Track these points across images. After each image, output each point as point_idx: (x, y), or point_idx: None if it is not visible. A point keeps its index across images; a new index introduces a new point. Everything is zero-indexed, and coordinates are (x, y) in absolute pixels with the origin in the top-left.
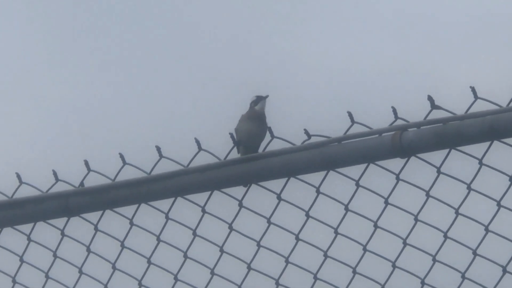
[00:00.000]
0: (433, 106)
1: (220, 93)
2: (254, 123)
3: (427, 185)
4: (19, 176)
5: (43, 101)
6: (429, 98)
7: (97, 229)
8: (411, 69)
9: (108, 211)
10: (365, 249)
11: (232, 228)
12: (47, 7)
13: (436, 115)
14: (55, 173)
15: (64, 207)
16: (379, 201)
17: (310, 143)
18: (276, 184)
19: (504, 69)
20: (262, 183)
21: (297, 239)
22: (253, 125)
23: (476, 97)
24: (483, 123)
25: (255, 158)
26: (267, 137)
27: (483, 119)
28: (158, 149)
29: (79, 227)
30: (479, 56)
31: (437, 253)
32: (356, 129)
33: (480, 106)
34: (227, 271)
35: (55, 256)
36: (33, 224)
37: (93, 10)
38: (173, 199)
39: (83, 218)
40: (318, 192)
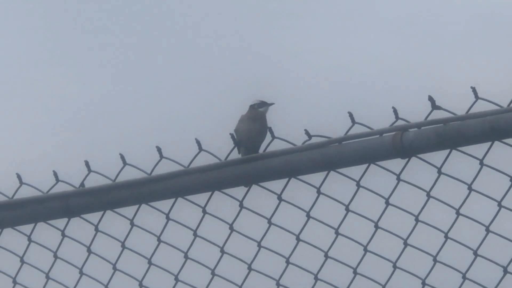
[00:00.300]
0: (434, 106)
1: (220, 93)
2: (254, 124)
3: (428, 186)
4: (19, 176)
5: (44, 101)
6: (430, 98)
7: (97, 230)
8: (412, 69)
9: (108, 212)
10: (366, 250)
11: (232, 228)
12: (49, 5)
13: (437, 115)
14: (55, 174)
15: (64, 208)
16: (380, 202)
17: (310, 144)
18: (277, 184)
19: (504, 69)
20: (262, 184)
21: (298, 240)
22: (253, 126)
23: (477, 97)
24: (483, 124)
25: (255, 158)
26: (268, 137)
27: (483, 119)
28: (158, 149)
29: (79, 227)
30: (480, 56)
31: (438, 254)
32: (356, 129)
33: (481, 106)
34: (228, 271)
35: (56, 256)
36: (33, 224)
37: (97, 9)
38: (173, 200)
39: (83, 218)
40: (319, 192)
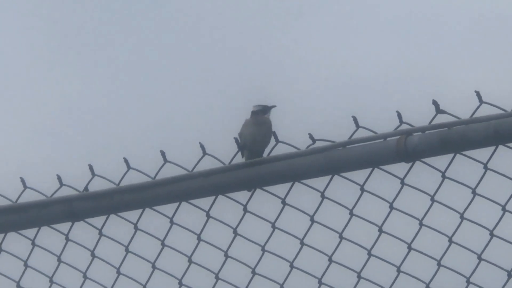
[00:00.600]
0: (438, 110)
1: (223, 95)
2: (258, 128)
3: (432, 190)
4: (23, 180)
5: (47, 105)
6: (434, 102)
7: (101, 234)
8: (416, 73)
9: (112, 216)
10: (370, 254)
11: (236, 232)
12: (49, 5)
13: (441, 119)
14: (59, 178)
15: (68, 212)
16: (384, 206)
17: (314, 148)
18: (280, 188)
19: (509, 73)
20: (266, 188)
21: (302, 244)
22: (257, 130)
23: (481, 101)
24: (488, 128)
25: (259, 162)
26: (272, 141)
27: (488, 123)
28: (162, 153)
29: (83, 231)
30: (484, 60)
31: (442, 258)
32: (361, 133)
33: (485, 110)
34: (232, 275)
35: (60, 260)
36: (37, 228)
37: (98, 9)
38: (177, 204)
39: (87, 222)
40: (323, 196)
